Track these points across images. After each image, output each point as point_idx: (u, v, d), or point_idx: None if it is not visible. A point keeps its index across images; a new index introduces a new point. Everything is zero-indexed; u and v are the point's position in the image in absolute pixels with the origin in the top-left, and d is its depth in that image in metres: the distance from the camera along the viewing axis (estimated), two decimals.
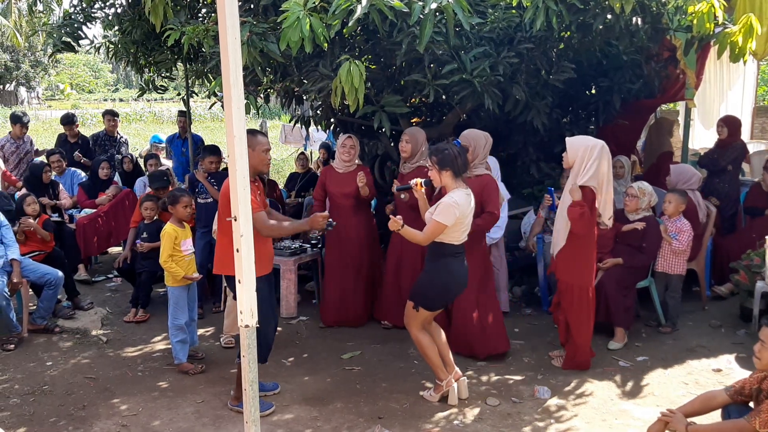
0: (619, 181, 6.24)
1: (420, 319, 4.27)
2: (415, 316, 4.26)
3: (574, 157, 4.56)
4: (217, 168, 6.51)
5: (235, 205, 2.58)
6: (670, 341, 5.42)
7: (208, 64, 5.49)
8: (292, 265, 6.04)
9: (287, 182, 9.26)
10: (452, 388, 4.38)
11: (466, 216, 4.13)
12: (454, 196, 4.10)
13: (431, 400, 4.40)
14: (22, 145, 8.40)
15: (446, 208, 4.05)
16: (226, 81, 2.50)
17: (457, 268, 4.20)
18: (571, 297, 4.74)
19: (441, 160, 4.14)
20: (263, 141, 4.17)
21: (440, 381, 4.39)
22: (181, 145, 9.15)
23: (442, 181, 4.19)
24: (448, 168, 4.14)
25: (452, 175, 4.14)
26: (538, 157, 6.98)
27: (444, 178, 4.17)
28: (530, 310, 6.22)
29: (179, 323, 4.88)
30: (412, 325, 4.30)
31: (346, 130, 6.95)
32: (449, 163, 4.13)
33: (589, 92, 7.23)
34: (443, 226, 4.05)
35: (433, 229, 4.08)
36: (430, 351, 4.32)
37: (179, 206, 4.95)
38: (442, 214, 4.05)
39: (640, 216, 5.51)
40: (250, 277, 2.59)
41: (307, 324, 5.95)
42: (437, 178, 4.19)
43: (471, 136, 5.04)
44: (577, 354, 4.83)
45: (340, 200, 5.71)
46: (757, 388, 3.22)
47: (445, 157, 4.14)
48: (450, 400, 4.37)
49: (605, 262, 5.43)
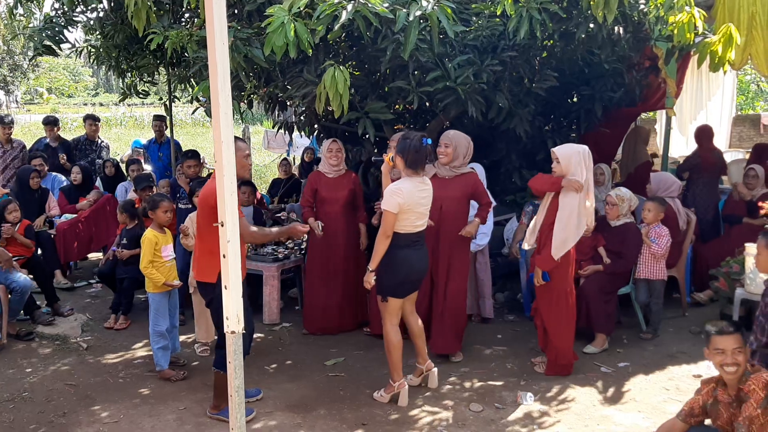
0: (599, 189, 6.29)
1: (390, 310, 4.35)
2: (385, 308, 4.36)
3: (568, 163, 4.59)
4: (197, 173, 6.48)
5: (222, 211, 2.57)
6: (651, 347, 5.47)
7: (192, 68, 5.47)
8: (276, 271, 6.01)
9: (270, 188, 9.24)
10: (403, 390, 4.45)
11: (415, 204, 4.22)
12: (399, 183, 4.23)
13: (381, 401, 4.47)
14: (9, 150, 8.15)
15: (388, 195, 4.19)
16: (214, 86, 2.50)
17: (413, 257, 4.31)
18: (549, 299, 4.78)
19: (399, 146, 4.30)
20: (242, 146, 4.17)
21: (393, 382, 4.47)
22: (158, 150, 9.10)
23: (396, 164, 4.32)
24: (401, 155, 4.26)
25: (403, 162, 4.26)
26: (521, 164, 7.02)
27: (397, 162, 4.31)
28: (513, 316, 6.25)
29: (160, 330, 4.84)
30: (385, 318, 4.40)
31: (330, 136, 6.95)
32: (403, 150, 4.26)
33: (571, 100, 7.29)
34: (389, 213, 4.17)
35: (384, 220, 4.21)
36: (394, 350, 4.40)
37: (159, 211, 4.91)
38: (384, 201, 4.20)
39: (622, 222, 5.56)
40: (236, 283, 2.58)
41: (291, 330, 5.93)
42: (395, 160, 4.33)
43: (452, 136, 5.10)
44: (559, 357, 4.85)
45: (330, 206, 5.69)
46: (712, 402, 3.25)
47: (404, 144, 4.27)
48: (400, 401, 4.43)
49: (586, 269, 5.47)
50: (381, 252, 4.22)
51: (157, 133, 9.23)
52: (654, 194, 6.12)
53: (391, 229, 4.20)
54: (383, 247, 4.22)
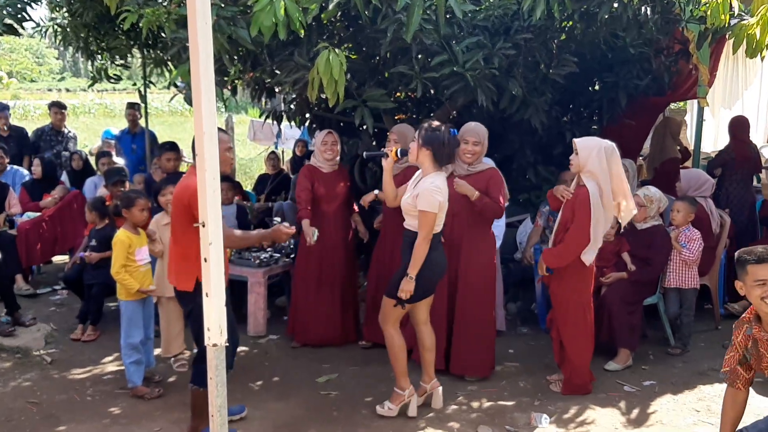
0: None
1: (396, 316, 4.39)
2: (392, 312, 4.38)
3: (587, 156, 4.60)
4: (176, 167, 6.48)
5: (203, 210, 2.58)
6: (680, 364, 5.48)
7: (169, 50, 5.47)
8: (262, 277, 6.02)
9: (256, 184, 9.25)
10: (413, 399, 4.48)
11: (446, 203, 4.28)
12: (435, 180, 4.23)
13: (389, 415, 4.48)
14: None
15: (428, 195, 4.19)
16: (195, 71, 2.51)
17: (438, 258, 4.36)
18: (566, 312, 4.79)
19: (427, 137, 4.27)
20: (224, 138, 4.18)
21: (401, 390, 4.50)
22: (131, 141, 9.11)
23: (419, 158, 4.31)
24: (430, 147, 4.25)
25: (432, 156, 4.26)
26: (536, 159, 7.03)
27: (422, 156, 4.29)
28: (527, 328, 6.26)
29: (133, 342, 4.84)
30: (387, 322, 4.43)
31: (324, 126, 6.96)
32: (434, 143, 4.25)
33: (592, 88, 7.30)
34: (432, 214, 4.19)
35: (425, 223, 4.20)
36: (400, 354, 4.44)
37: (135, 210, 4.92)
38: (425, 202, 4.18)
39: (649, 225, 5.57)
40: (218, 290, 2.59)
41: (278, 343, 5.93)
42: (415, 152, 4.31)
43: (481, 132, 5.05)
44: (574, 376, 4.87)
45: (326, 204, 5.70)
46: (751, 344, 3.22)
47: (434, 136, 4.26)
48: (410, 412, 4.46)
49: (608, 277, 5.48)
50: (422, 257, 4.24)
51: (130, 122, 9.22)
52: (684, 193, 6.13)
53: (432, 231, 4.23)
54: (425, 252, 4.24)
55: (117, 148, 9.45)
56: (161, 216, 5.36)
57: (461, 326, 5.09)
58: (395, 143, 5.41)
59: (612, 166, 4.61)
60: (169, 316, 5.32)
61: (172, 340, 5.35)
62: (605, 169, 4.58)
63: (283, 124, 8.19)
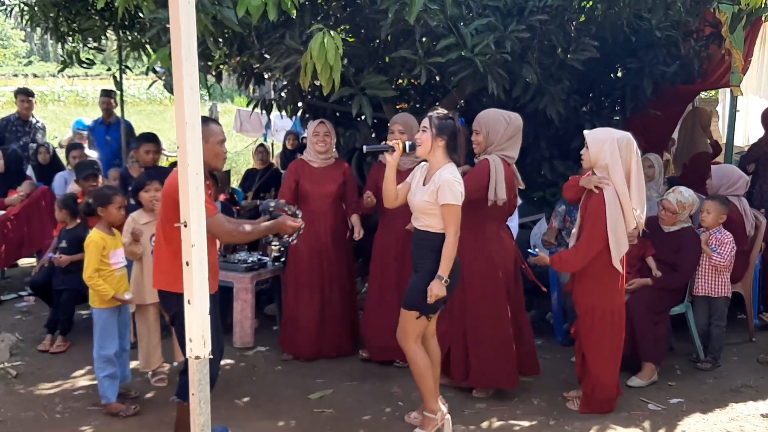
0: (648, 184, 6.28)
1: (418, 328, 4.35)
2: (415, 326, 4.33)
3: (598, 150, 4.58)
4: (155, 160, 6.47)
5: (186, 208, 2.57)
6: (711, 380, 5.48)
7: (148, 32, 5.46)
8: (249, 283, 6.01)
9: (243, 180, 9.25)
10: (447, 423, 4.47)
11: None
12: (453, 171, 4.24)
13: None
14: None
15: (451, 186, 4.18)
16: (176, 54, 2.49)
17: (458, 264, 4.36)
18: (591, 322, 4.77)
19: (441, 126, 4.27)
20: (217, 130, 4.18)
21: (433, 413, 4.46)
22: (105, 132, 9.10)
23: (432, 150, 4.30)
24: (444, 138, 4.26)
25: (446, 147, 4.28)
26: (552, 153, 7.02)
27: (435, 147, 4.29)
28: (541, 340, 6.24)
29: (107, 354, 4.83)
30: (409, 338, 4.37)
31: (318, 116, 6.95)
32: (448, 132, 4.26)
33: (614, 76, 7.29)
34: (457, 207, 4.21)
35: (451, 216, 4.21)
36: (427, 373, 4.39)
37: (112, 208, 4.91)
38: (449, 194, 4.17)
39: (677, 227, 5.56)
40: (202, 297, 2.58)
41: (267, 356, 5.93)
42: (427, 143, 4.29)
43: (482, 119, 4.99)
44: (598, 391, 4.84)
45: (315, 202, 5.69)
46: None
47: (447, 124, 4.27)
48: None
49: (631, 283, 5.46)
50: (453, 256, 4.24)
51: (104, 111, 9.22)
52: (715, 192, 6.12)
53: (459, 226, 4.24)
54: (455, 249, 4.24)
55: (90, 139, 9.45)
56: (139, 214, 5.34)
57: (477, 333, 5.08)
58: (400, 134, 5.40)
59: (627, 161, 4.58)
60: (148, 325, 5.30)
61: (153, 351, 5.33)
62: (619, 163, 4.55)
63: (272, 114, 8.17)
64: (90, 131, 9.51)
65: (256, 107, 7.50)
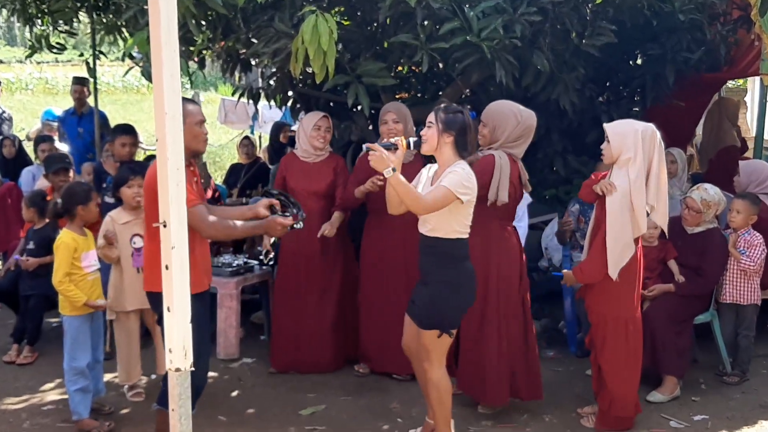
0: (671, 181, 6.29)
1: (443, 349, 4.31)
2: (438, 347, 4.29)
3: (621, 144, 4.58)
4: (132, 154, 6.47)
5: (165, 207, 2.57)
6: (738, 395, 5.48)
7: (124, 14, 5.46)
8: (234, 289, 6.01)
9: (228, 176, 9.23)
10: None
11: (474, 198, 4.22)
12: (466, 168, 4.16)
13: None
14: None
15: (458, 178, 4.09)
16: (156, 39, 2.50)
17: (471, 267, 4.33)
18: (604, 332, 4.77)
19: (449, 120, 4.20)
20: (194, 110, 4.18)
21: None
22: (77, 123, 9.09)
23: (439, 147, 4.24)
24: (453, 133, 4.19)
25: (454, 144, 4.21)
26: (565, 147, 7.03)
27: (442, 144, 4.22)
28: (553, 351, 6.26)
29: (79, 366, 4.83)
30: (434, 360, 4.32)
31: (309, 107, 6.95)
32: (457, 127, 4.19)
33: (633, 63, 7.30)
34: (453, 196, 4.07)
35: (441, 195, 4.06)
36: (447, 398, 4.37)
37: (93, 205, 4.91)
38: (453, 183, 4.07)
39: (702, 228, 5.56)
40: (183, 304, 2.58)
41: (253, 368, 5.93)
42: (433, 140, 4.23)
43: (491, 112, 4.99)
44: (615, 407, 4.84)
45: (305, 201, 5.68)
46: None
47: (456, 119, 4.20)
48: None
49: (652, 289, 5.47)
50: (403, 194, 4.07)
51: (76, 101, 9.22)
52: (744, 189, 6.12)
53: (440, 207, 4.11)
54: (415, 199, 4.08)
55: (60, 131, 9.43)
56: (118, 213, 5.31)
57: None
58: (394, 123, 5.39)
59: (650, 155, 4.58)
60: (129, 334, 5.29)
61: (134, 363, 5.31)
62: (640, 158, 4.56)
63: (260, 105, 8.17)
64: (60, 122, 9.49)
65: (242, 97, 7.49)
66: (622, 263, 4.61)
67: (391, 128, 5.38)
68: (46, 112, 11.21)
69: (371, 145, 4.40)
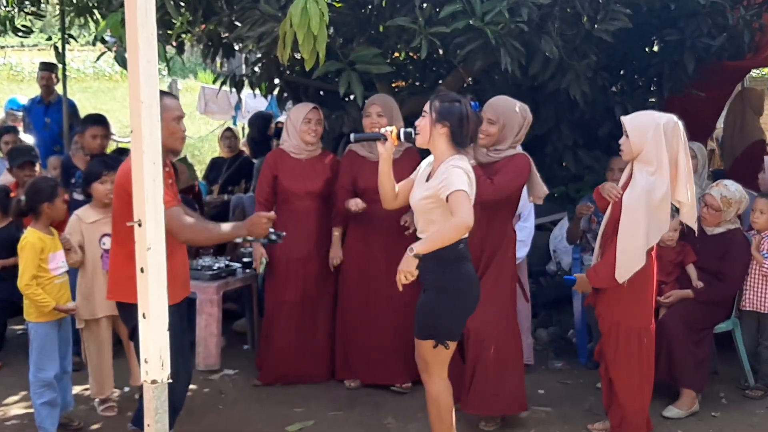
0: None
1: (441, 360, 4.29)
2: (434, 357, 4.28)
3: (641, 140, 4.58)
4: (103, 146, 6.46)
5: (140, 205, 2.57)
6: (762, 410, 5.49)
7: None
8: (215, 294, 6.01)
9: (208, 171, 9.23)
10: None
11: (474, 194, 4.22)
12: (459, 163, 4.15)
13: None
14: None
15: (458, 176, 4.08)
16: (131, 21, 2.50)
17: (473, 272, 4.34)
18: (616, 342, 4.78)
19: (443, 110, 4.18)
20: (172, 105, 4.18)
21: None
22: (44, 113, 9.08)
23: (432, 138, 4.22)
24: (447, 124, 4.17)
25: (449, 135, 4.19)
26: (576, 141, 7.03)
27: (436, 135, 4.20)
28: (561, 362, 6.26)
29: (46, 377, 4.83)
30: (434, 373, 4.31)
31: (298, 96, 6.94)
32: (452, 118, 4.17)
33: (649, 50, 7.30)
34: (465, 192, 4.04)
35: (463, 202, 4.02)
36: (447, 416, 4.35)
37: (59, 201, 4.91)
38: (458, 181, 4.05)
39: (723, 229, 5.58)
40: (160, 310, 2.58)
41: (236, 381, 5.94)
42: (426, 130, 4.22)
43: (500, 108, 5.03)
44: (627, 423, 4.86)
45: (297, 202, 5.67)
46: None
47: (452, 108, 4.18)
48: None
49: (668, 295, 5.48)
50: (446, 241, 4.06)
51: (43, 88, 9.22)
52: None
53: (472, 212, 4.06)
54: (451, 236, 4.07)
55: (25, 121, 9.42)
56: (86, 211, 5.30)
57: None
58: (378, 117, 5.40)
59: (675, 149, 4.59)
60: (100, 343, 5.28)
61: (107, 374, 5.31)
62: (665, 153, 4.56)
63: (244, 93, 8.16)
64: (26, 112, 9.48)
65: (224, 85, 7.49)
66: (635, 268, 4.60)
67: (374, 122, 5.40)
68: (10, 101, 11.21)
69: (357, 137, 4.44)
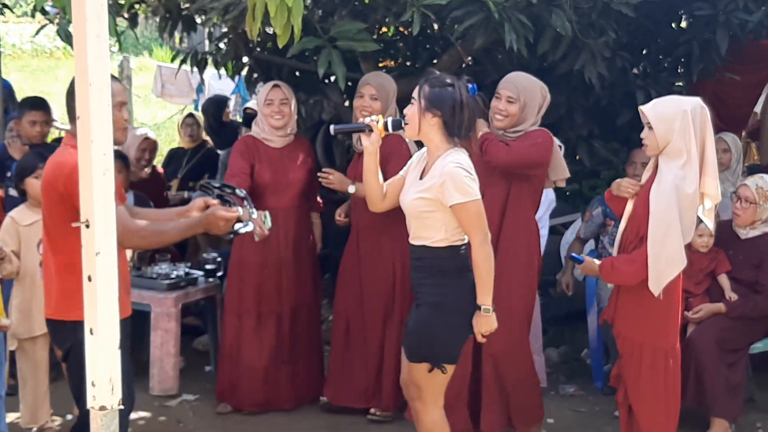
0: (722, 174, 6.32)
1: (437, 386, 4.29)
2: (429, 383, 4.28)
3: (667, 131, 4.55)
4: (44, 134, 6.45)
5: (88, 202, 2.56)
6: None
7: None
8: (172, 306, 6.01)
9: (166, 164, 9.20)
10: None
11: None
12: (457, 158, 4.14)
13: None
14: None
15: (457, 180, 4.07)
16: None
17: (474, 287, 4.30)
18: (639, 365, 4.78)
19: (434, 97, 4.17)
20: (115, 89, 4.15)
21: None
22: None
23: (422, 130, 4.22)
24: (439, 113, 4.15)
25: (441, 125, 4.18)
26: (591, 131, 7.04)
27: (427, 126, 4.19)
28: (574, 387, 6.28)
29: None
30: (427, 400, 4.32)
31: (270, 77, 6.93)
32: (444, 105, 4.16)
33: (676, 26, 7.33)
34: (475, 202, 4.09)
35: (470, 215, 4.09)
36: None
37: None
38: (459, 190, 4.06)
39: (759, 232, 5.59)
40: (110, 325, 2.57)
41: (196, 407, 5.95)
42: (415, 120, 4.21)
43: (519, 83, 5.05)
44: None
45: (273, 196, 5.66)
46: None
47: (443, 94, 4.17)
48: None
49: (697, 310, 5.50)
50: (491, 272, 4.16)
51: None
52: None
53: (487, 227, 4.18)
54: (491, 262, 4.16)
55: None
56: (22, 212, 5.28)
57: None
58: (372, 100, 5.39)
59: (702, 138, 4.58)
60: (35, 364, 5.27)
61: (42, 400, 5.30)
62: (694, 143, 4.53)
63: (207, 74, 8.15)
64: None
65: (184, 63, 7.48)
66: (674, 274, 4.57)
67: (366, 105, 5.40)
68: None
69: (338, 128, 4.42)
